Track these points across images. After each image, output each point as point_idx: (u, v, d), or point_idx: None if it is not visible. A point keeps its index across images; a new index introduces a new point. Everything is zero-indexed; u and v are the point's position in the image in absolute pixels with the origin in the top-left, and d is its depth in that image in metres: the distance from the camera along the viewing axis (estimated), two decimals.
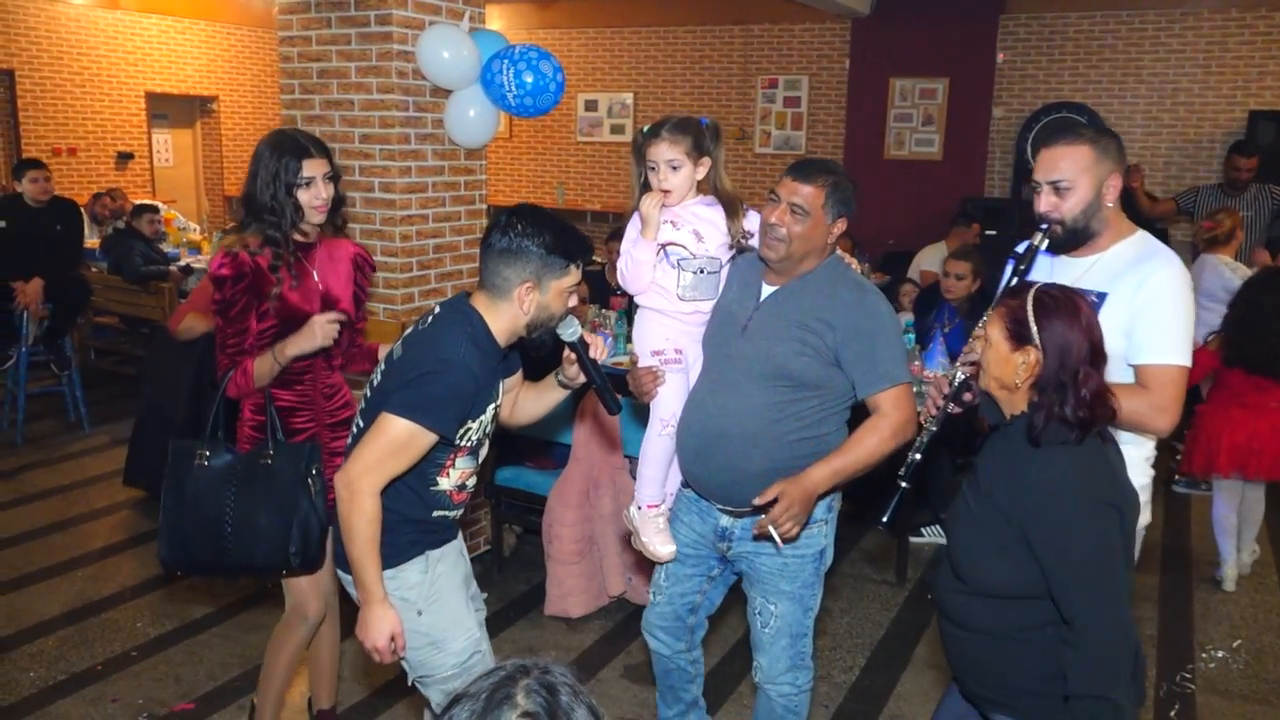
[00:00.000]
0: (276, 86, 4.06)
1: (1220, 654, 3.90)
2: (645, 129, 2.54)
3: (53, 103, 9.16)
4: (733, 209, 2.53)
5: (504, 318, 2.20)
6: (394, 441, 2.11)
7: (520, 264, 2.16)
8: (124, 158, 9.76)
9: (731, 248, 2.54)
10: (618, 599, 4.11)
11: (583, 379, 2.35)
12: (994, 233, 8.20)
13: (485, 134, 3.94)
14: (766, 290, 2.49)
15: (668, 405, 2.57)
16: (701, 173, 2.51)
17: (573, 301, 2.27)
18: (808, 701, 2.71)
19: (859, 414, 2.50)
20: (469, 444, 2.26)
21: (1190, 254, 5.97)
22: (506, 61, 3.69)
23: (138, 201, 8.13)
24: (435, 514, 2.31)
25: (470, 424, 2.21)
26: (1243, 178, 6.32)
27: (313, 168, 2.60)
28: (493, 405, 2.27)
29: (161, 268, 6.88)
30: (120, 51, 9.62)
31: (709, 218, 2.52)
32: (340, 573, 2.38)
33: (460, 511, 2.38)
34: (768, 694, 2.68)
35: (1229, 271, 5.38)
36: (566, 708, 1.08)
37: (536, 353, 2.33)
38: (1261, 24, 8.12)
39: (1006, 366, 1.95)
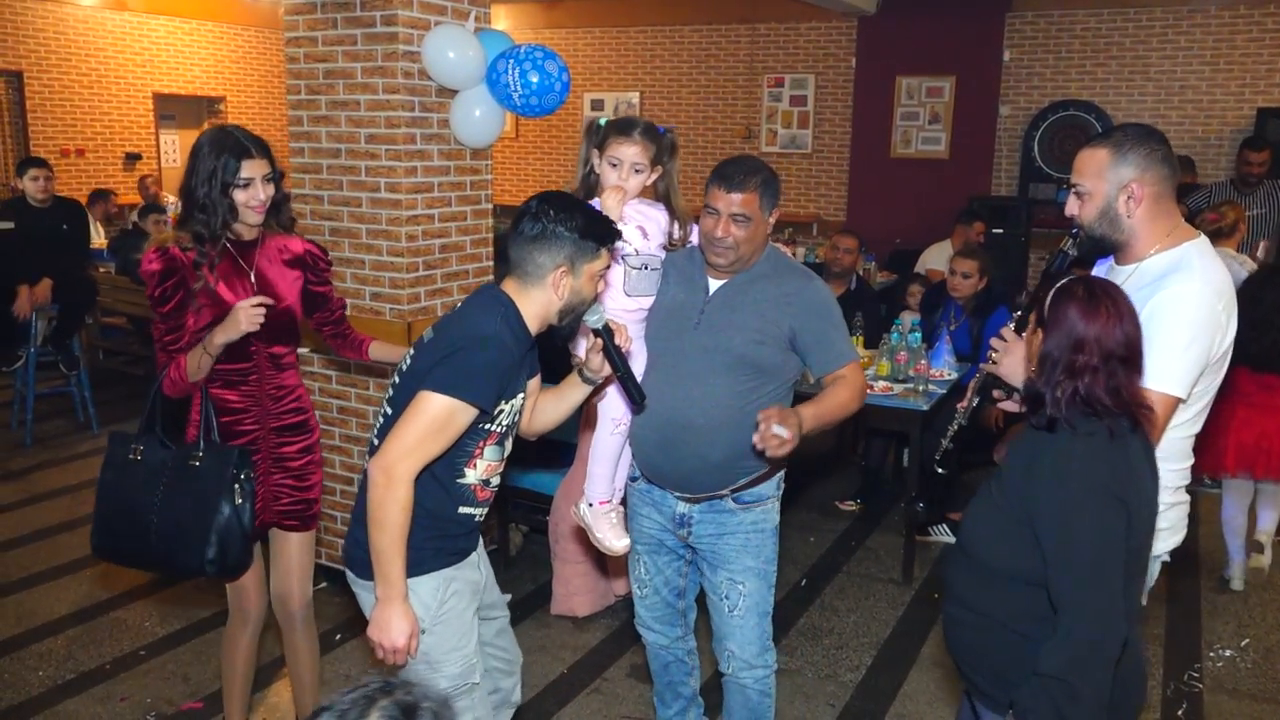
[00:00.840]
0: (283, 87, 4.07)
1: (1228, 653, 3.89)
2: (607, 120, 2.59)
3: (61, 104, 9.20)
4: (682, 221, 2.63)
5: (536, 304, 2.19)
6: (434, 420, 2.06)
7: (554, 249, 2.15)
8: (132, 158, 9.79)
9: (664, 248, 2.62)
10: (624, 598, 4.11)
11: (607, 371, 2.33)
12: (1000, 231, 8.20)
13: (491, 134, 3.94)
14: (714, 284, 2.59)
15: (618, 405, 2.61)
16: (651, 179, 2.58)
17: (601, 286, 2.27)
18: (775, 684, 2.77)
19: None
20: (499, 430, 2.23)
21: None
22: (512, 61, 3.70)
23: (144, 203, 8.16)
24: (460, 510, 2.27)
25: (504, 405, 2.19)
26: (1255, 173, 6.29)
27: (252, 168, 2.55)
28: (521, 395, 2.28)
29: None
30: (128, 53, 9.66)
31: (652, 216, 2.59)
32: (354, 578, 2.32)
33: (484, 510, 2.35)
34: (741, 682, 2.72)
35: (1235, 264, 5.37)
36: None
37: (562, 344, 2.34)
38: (1270, 21, 8.09)
39: (1031, 348, 1.98)
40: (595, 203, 2.54)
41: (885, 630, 4.03)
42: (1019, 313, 2.36)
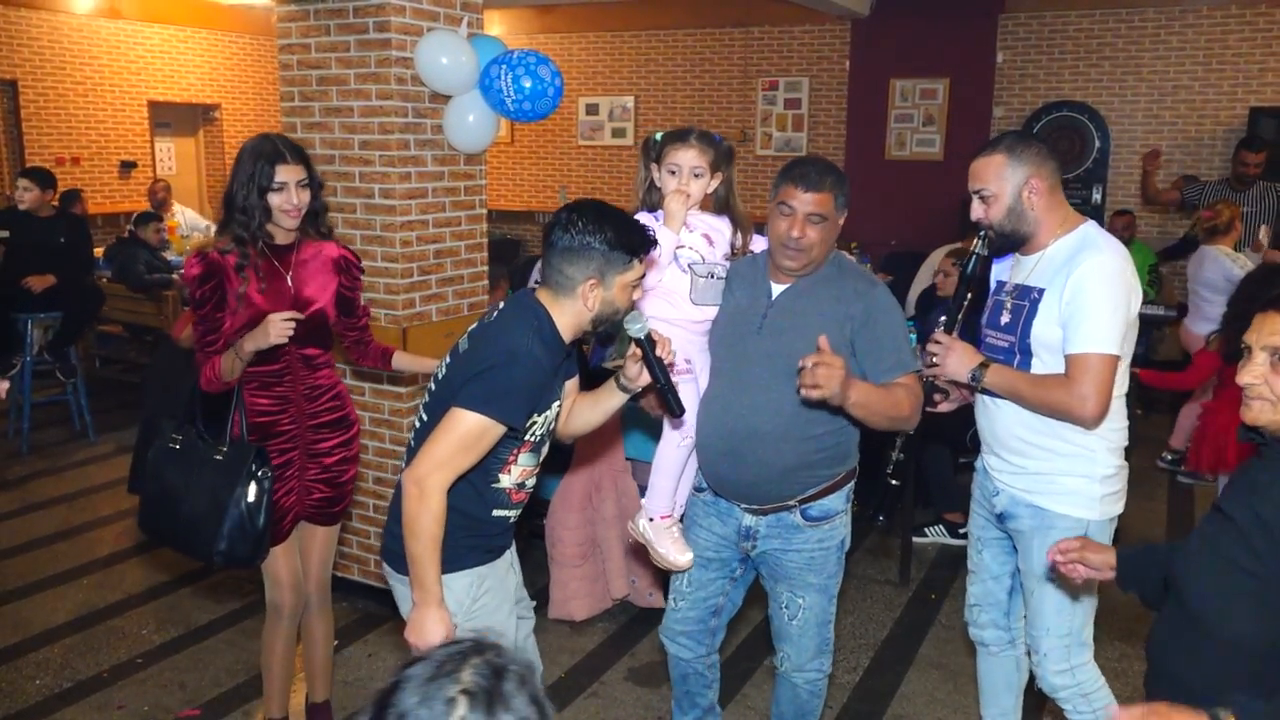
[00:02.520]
0: (278, 94, 4.07)
1: None
2: (664, 133, 2.60)
3: (56, 113, 9.19)
4: (744, 229, 2.62)
5: (568, 314, 2.20)
6: (465, 436, 2.11)
7: (584, 261, 2.15)
8: (127, 166, 9.79)
9: (727, 259, 2.61)
10: (621, 601, 4.12)
11: (645, 380, 2.31)
12: None
13: (485, 139, 3.95)
14: (776, 289, 2.54)
15: (688, 419, 2.57)
16: (712, 187, 2.58)
17: (638, 296, 2.26)
18: (828, 685, 2.77)
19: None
20: (533, 439, 2.26)
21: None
22: (505, 67, 3.70)
23: (141, 210, 8.15)
24: (494, 513, 2.31)
25: (536, 418, 2.21)
26: (1251, 173, 6.32)
27: (286, 173, 2.67)
28: (557, 403, 2.29)
29: (165, 276, 6.90)
30: (123, 61, 9.65)
31: (717, 225, 2.59)
32: (390, 571, 2.37)
33: (517, 512, 2.38)
34: (792, 680, 2.71)
35: (1229, 262, 5.38)
36: (506, 695, 1.11)
37: (603, 346, 2.36)
38: (1261, 20, 8.11)
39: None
40: (658, 215, 2.56)
41: (882, 631, 4.04)
42: (944, 317, 2.57)
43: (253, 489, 2.68)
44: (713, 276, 2.56)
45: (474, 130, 3.87)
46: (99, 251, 7.63)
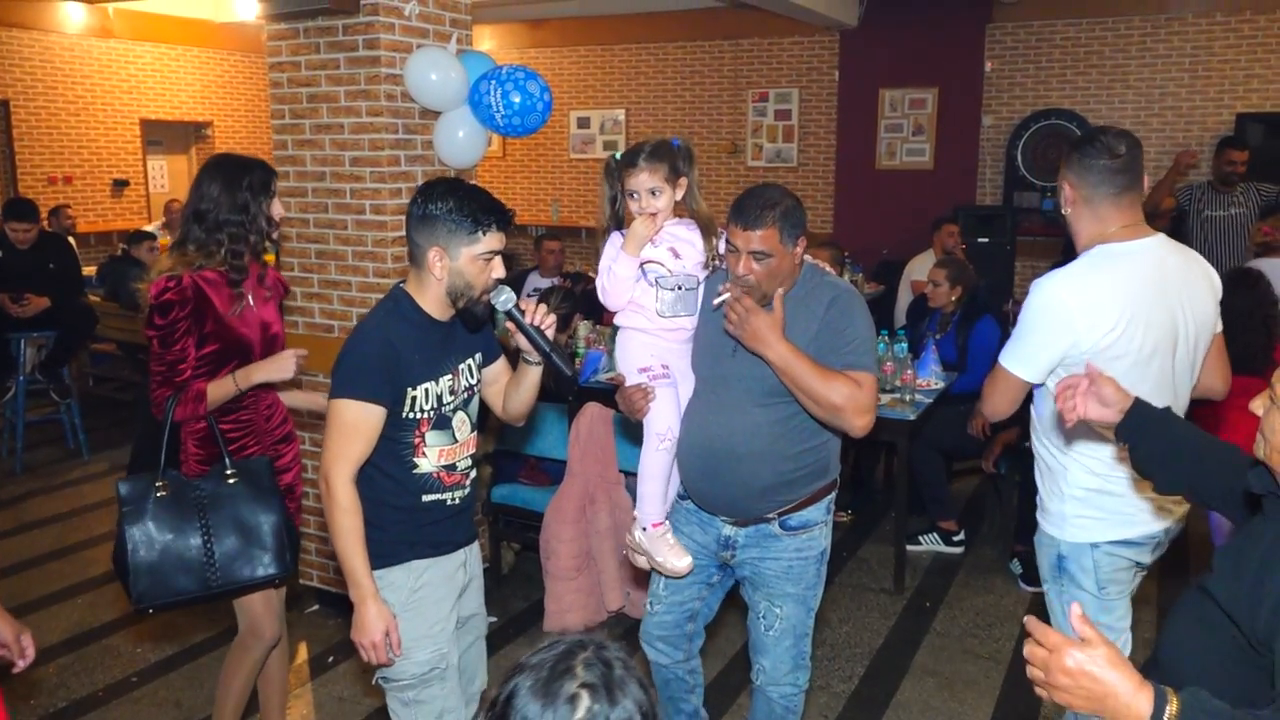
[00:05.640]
0: (269, 111, 4.09)
1: None
2: (618, 155, 2.59)
3: (48, 131, 9.20)
4: (708, 230, 2.59)
5: (427, 286, 2.26)
6: (344, 425, 2.18)
7: (429, 231, 2.21)
8: (119, 185, 9.80)
9: (707, 267, 2.60)
10: (616, 613, 4.12)
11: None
12: (986, 240, 8.25)
13: (475, 154, 3.97)
14: None
15: (663, 419, 2.59)
16: (679, 194, 2.57)
17: (497, 272, 2.28)
18: (804, 701, 2.76)
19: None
20: (428, 415, 2.27)
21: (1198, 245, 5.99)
22: (494, 82, 3.73)
23: (134, 229, 8.16)
24: (425, 499, 2.31)
25: (413, 392, 2.23)
26: (1237, 171, 6.33)
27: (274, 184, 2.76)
28: (445, 377, 2.30)
29: None
30: (114, 79, 9.67)
31: (686, 237, 2.58)
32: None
33: (457, 494, 2.37)
34: (768, 695, 2.71)
35: None
36: (620, 680, 1.17)
37: (473, 328, 2.35)
38: (1246, 27, 8.17)
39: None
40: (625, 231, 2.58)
41: (877, 640, 4.04)
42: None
43: (280, 494, 2.70)
44: (681, 289, 2.56)
45: (464, 145, 3.89)
46: (91, 270, 7.64)
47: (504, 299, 2.31)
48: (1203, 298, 2.47)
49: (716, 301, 2.45)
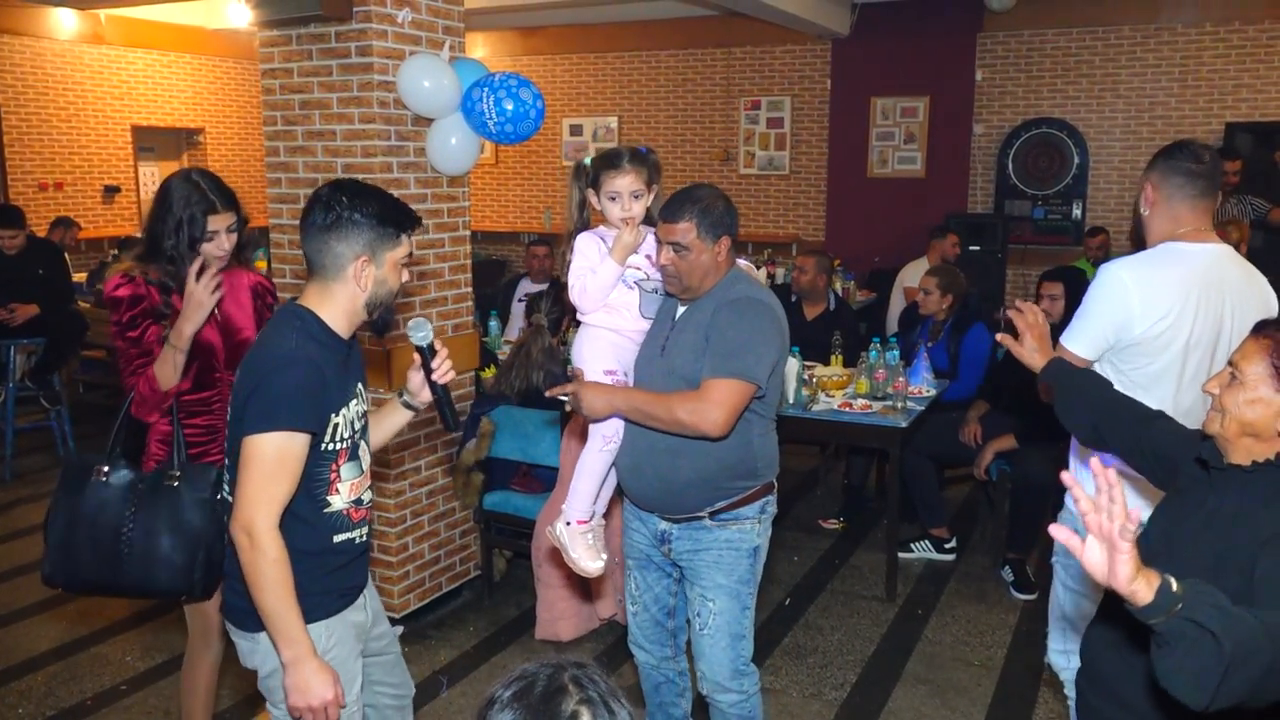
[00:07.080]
0: (261, 118, 4.08)
1: None
2: (593, 158, 2.63)
3: (39, 138, 9.18)
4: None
5: (340, 301, 2.07)
6: (268, 462, 1.95)
7: (351, 238, 2.02)
8: (111, 191, 9.78)
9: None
10: (608, 621, 4.11)
11: (427, 396, 2.25)
12: (977, 248, 8.28)
13: (467, 161, 3.97)
14: (680, 311, 2.62)
15: (611, 423, 2.63)
16: (651, 200, 2.62)
17: (406, 277, 2.15)
18: (759, 705, 2.76)
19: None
20: (345, 445, 2.11)
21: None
22: (486, 89, 3.73)
23: (125, 235, 8.14)
24: (336, 539, 2.13)
25: (335, 419, 2.07)
26: (1231, 181, 6.36)
27: (217, 222, 2.63)
28: (356, 402, 2.15)
29: None
30: (106, 86, 9.66)
31: (650, 242, 2.63)
32: (235, 631, 2.17)
33: (363, 531, 2.21)
34: (717, 704, 2.73)
35: None
36: (612, 691, 1.17)
37: (380, 334, 2.24)
38: (1235, 38, 8.23)
39: (1267, 410, 1.67)
40: (606, 237, 2.61)
41: (870, 647, 4.04)
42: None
43: (218, 508, 2.53)
44: (656, 292, 2.65)
45: (457, 153, 3.89)
46: (82, 276, 7.61)
47: (422, 334, 2.19)
48: (1254, 310, 2.54)
49: (558, 395, 2.55)
